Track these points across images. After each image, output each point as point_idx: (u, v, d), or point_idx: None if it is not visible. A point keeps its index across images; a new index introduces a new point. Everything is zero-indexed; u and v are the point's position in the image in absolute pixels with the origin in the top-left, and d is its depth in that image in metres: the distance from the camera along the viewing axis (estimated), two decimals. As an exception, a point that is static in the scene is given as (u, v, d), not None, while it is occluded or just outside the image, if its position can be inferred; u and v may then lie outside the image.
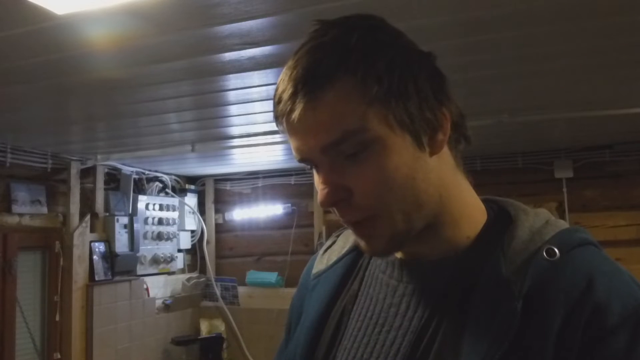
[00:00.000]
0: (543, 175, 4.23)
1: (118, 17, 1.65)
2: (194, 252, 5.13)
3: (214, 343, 4.62)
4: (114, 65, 2.08)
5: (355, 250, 0.89)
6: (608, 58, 2.15)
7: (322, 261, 0.93)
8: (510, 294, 0.66)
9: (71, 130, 3.34)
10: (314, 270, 0.93)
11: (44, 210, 3.76)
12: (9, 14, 1.61)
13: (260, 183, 5.05)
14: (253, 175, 5.07)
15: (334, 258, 0.91)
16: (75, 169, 3.94)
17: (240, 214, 5.08)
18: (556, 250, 0.69)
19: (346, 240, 0.92)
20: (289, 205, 4.93)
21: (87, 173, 4.09)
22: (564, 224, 0.76)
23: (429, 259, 0.76)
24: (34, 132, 3.27)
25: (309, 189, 4.86)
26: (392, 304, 0.77)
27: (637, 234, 4.00)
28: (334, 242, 0.95)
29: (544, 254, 0.69)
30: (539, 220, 0.76)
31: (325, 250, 0.95)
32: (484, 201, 0.83)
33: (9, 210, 3.51)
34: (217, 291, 4.89)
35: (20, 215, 3.58)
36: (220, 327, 4.83)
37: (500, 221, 0.77)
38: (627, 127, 3.47)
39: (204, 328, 4.83)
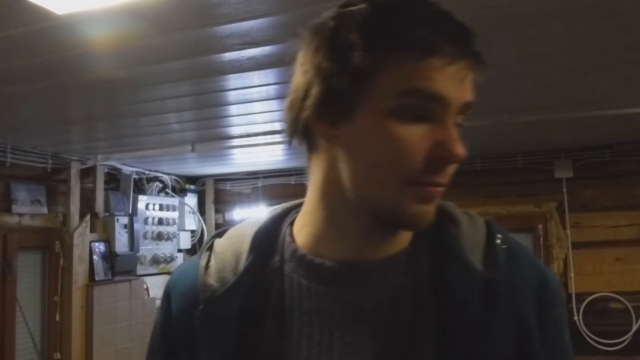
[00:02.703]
0: (543, 175, 4.23)
1: (118, 17, 1.65)
2: (194, 252, 5.14)
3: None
4: (114, 65, 2.09)
5: (257, 264, 0.75)
6: (608, 58, 2.15)
7: (209, 282, 0.75)
8: (492, 284, 0.70)
9: (71, 130, 3.34)
10: (204, 294, 0.74)
11: (44, 210, 3.76)
12: (9, 14, 1.61)
13: (260, 183, 5.05)
14: (253, 175, 5.07)
15: (229, 276, 0.74)
16: (75, 169, 3.94)
17: (240, 214, 5.08)
18: (500, 239, 0.75)
19: (237, 254, 0.76)
20: (289, 205, 4.93)
21: (87, 173, 4.09)
22: (477, 214, 0.79)
23: (372, 260, 0.72)
24: (34, 132, 3.28)
25: (309, 189, 4.86)
26: (344, 312, 0.70)
27: (637, 234, 4.00)
28: (209, 259, 0.78)
29: (499, 243, 0.74)
30: (461, 212, 0.78)
31: (207, 268, 0.77)
32: None
33: (9, 210, 3.51)
34: (217, 291, 4.89)
35: (20, 215, 3.58)
36: (220, 327, 4.83)
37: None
38: (627, 127, 3.47)
39: (204, 328, 4.83)
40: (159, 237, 4.59)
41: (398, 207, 0.67)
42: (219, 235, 0.81)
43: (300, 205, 0.81)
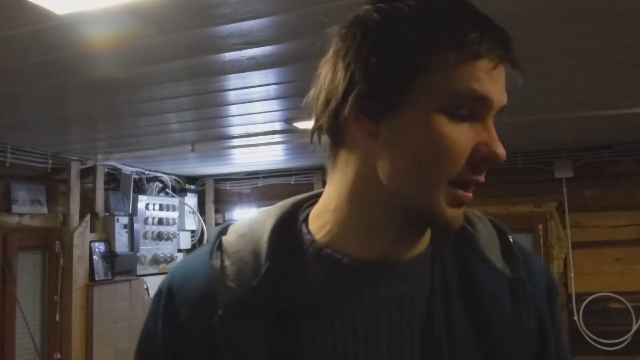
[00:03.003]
0: (543, 175, 4.23)
1: (118, 17, 1.65)
2: (194, 252, 5.14)
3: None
4: (114, 65, 2.09)
5: (278, 264, 0.71)
6: (608, 58, 2.15)
7: (229, 284, 0.70)
8: (516, 282, 0.74)
9: (71, 130, 3.34)
10: (224, 298, 0.70)
11: (44, 210, 3.76)
12: (9, 14, 1.61)
13: (260, 183, 5.05)
14: (253, 175, 5.07)
15: (249, 278, 0.70)
16: (75, 169, 3.94)
17: (240, 214, 5.08)
18: (513, 238, 0.79)
19: (255, 253, 0.72)
20: (289, 205, 4.93)
21: (87, 173, 4.09)
22: (480, 213, 0.81)
23: (400, 260, 0.72)
24: (34, 132, 3.28)
25: (309, 189, 4.82)
26: (379, 312, 0.70)
27: (637, 234, 4.00)
28: (222, 260, 0.73)
29: (513, 242, 0.78)
30: (469, 211, 0.79)
31: (222, 268, 0.72)
32: None
33: (9, 210, 3.51)
34: (217, 291, 4.89)
35: (20, 215, 3.59)
36: (220, 327, 4.83)
37: None
38: (627, 127, 3.47)
39: (204, 328, 4.83)
40: (159, 237, 4.59)
41: (436, 208, 0.67)
42: (223, 232, 0.77)
43: (308, 200, 0.79)
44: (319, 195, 0.78)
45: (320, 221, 0.74)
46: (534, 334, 0.74)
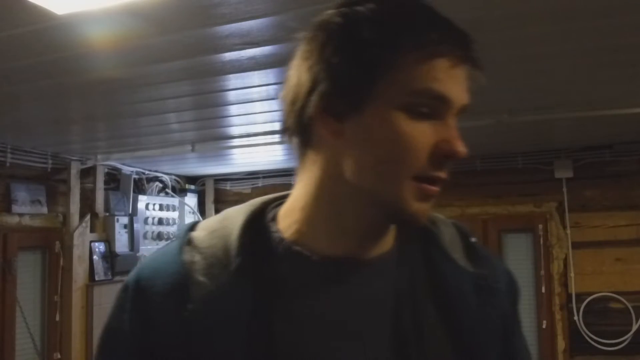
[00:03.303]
0: (543, 175, 4.23)
1: (118, 17, 1.65)
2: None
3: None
4: (114, 65, 2.09)
5: (248, 261, 0.71)
6: (608, 58, 2.15)
7: (200, 279, 0.70)
8: (481, 279, 0.77)
9: (71, 130, 3.34)
10: (197, 292, 0.69)
11: (44, 210, 3.76)
12: (9, 14, 1.61)
13: (260, 183, 5.05)
14: (253, 175, 5.07)
15: (220, 273, 0.70)
16: (75, 169, 3.94)
17: (240, 214, 5.08)
18: (475, 239, 0.82)
19: (225, 249, 0.72)
20: (289, 205, 4.94)
21: (87, 173, 4.09)
22: (441, 215, 0.84)
23: (368, 257, 0.73)
24: (34, 132, 3.28)
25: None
26: (352, 309, 0.71)
27: (637, 234, 4.00)
28: (193, 254, 0.73)
29: (475, 242, 0.80)
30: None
31: (193, 263, 0.72)
32: None
33: (9, 210, 3.51)
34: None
35: (20, 215, 3.58)
36: (220, 327, 4.83)
37: None
38: (627, 127, 3.47)
39: (204, 328, 4.83)
40: (159, 237, 4.59)
41: (401, 203, 0.68)
42: (192, 229, 0.77)
43: (276, 200, 0.80)
44: (287, 196, 0.79)
45: (288, 220, 0.75)
46: (499, 331, 0.77)
